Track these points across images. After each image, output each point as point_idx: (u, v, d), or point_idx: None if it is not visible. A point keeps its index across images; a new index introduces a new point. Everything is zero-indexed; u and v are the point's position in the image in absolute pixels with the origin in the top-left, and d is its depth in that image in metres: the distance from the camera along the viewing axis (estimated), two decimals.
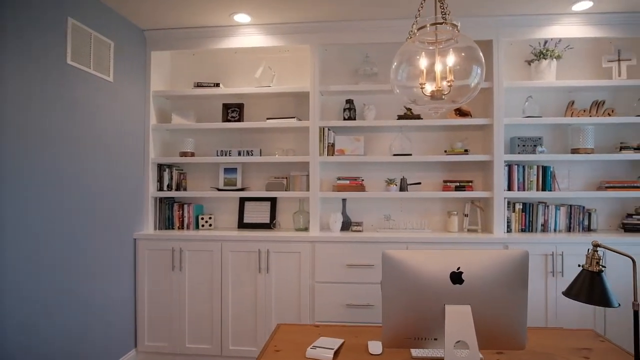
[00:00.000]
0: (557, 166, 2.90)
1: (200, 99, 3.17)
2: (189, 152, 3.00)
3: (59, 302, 2.09)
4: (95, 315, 2.37)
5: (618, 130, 2.89)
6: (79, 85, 2.25)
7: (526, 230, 2.80)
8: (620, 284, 2.44)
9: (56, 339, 2.07)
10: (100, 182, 2.42)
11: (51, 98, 2.05)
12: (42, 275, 1.99)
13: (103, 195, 2.45)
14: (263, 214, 3.05)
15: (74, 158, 2.21)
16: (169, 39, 2.91)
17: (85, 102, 2.30)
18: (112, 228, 2.54)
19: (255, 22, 2.78)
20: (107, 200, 2.49)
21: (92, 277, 2.34)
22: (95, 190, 2.38)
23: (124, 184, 2.66)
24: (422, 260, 1.23)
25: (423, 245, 2.57)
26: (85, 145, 2.30)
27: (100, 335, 2.41)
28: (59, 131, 2.10)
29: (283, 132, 3.10)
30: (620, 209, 2.89)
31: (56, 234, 2.09)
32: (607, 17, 2.61)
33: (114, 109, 2.56)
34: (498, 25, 2.68)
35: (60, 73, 2.11)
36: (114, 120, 2.56)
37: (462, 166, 2.98)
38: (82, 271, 2.27)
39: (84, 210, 2.29)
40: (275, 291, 2.64)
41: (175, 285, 2.70)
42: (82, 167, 2.28)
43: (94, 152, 2.37)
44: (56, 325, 2.07)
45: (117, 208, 2.58)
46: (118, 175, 2.60)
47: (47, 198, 2.03)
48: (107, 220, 2.49)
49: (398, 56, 1.57)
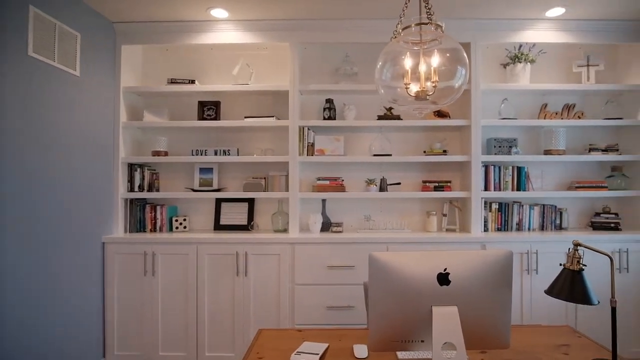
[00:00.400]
0: (531, 167, 2.98)
1: (174, 96, 3.05)
2: (162, 152, 2.87)
3: (19, 312, 1.93)
4: (60, 325, 2.21)
5: (587, 133, 3.01)
6: (41, 78, 2.09)
7: (502, 230, 2.86)
8: (591, 280, 2.53)
9: (16, 352, 1.91)
10: (64, 182, 2.27)
11: (9, 92, 1.90)
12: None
13: (68, 197, 2.30)
14: (240, 216, 2.96)
15: (35, 157, 2.06)
16: (140, 33, 2.78)
17: (49, 97, 2.15)
18: (78, 232, 2.38)
19: (233, 18, 2.69)
20: (73, 203, 2.34)
21: (56, 284, 2.19)
22: (59, 191, 2.23)
23: (92, 184, 2.51)
24: (409, 262, 1.21)
25: (403, 246, 2.57)
26: (48, 144, 2.14)
27: (66, 346, 2.25)
28: (18, 128, 1.95)
29: (261, 131, 3.03)
30: (589, 208, 3.01)
31: (15, 239, 1.93)
32: (578, 24, 2.71)
33: (80, 105, 2.41)
34: (475, 29, 2.72)
35: (20, 65, 1.96)
36: (80, 116, 2.41)
37: (441, 166, 3.01)
38: (45, 279, 2.11)
39: (47, 213, 2.14)
40: (253, 295, 2.57)
41: (147, 291, 2.57)
42: (44, 167, 2.12)
43: (58, 150, 2.22)
44: (16, 337, 1.91)
45: (83, 210, 2.43)
46: (85, 176, 2.45)
47: (3, 200, 1.87)
48: (73, 224, 2.34)
49: (383, 56, 1.55)
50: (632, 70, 2.88)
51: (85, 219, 2.44)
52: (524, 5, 2.50)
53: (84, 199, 2.44)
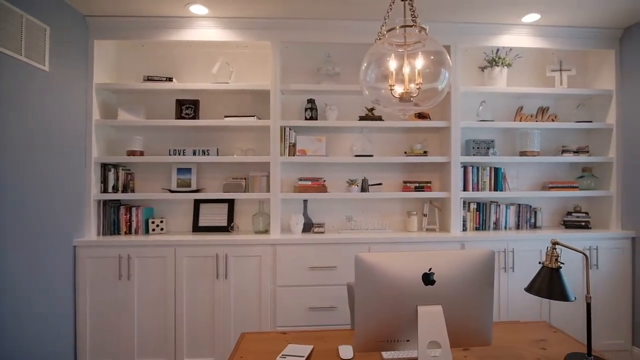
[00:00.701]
0: (507, 168, 3.07)
1: (150, 94, 2.95)
2: (138, 151, 2.77)
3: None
4: (27, 334, 2.09)
5: (560, 135, 3.12)
6: (6, 73, 1.97)
7: (480, 229, 2.92)
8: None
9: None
10: (32, 183, 2.15)
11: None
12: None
13: (35, 199, 2.17)
14: (220, 217, 2.89)
15: (0, 157, 1.94)
16: (114, 28, 2.67)
17: (15, 93, 2.03)
18: (47, 235, 2.26)
19: (213, 15, 2.63)
20: (41, 205, 2.22)
21: (22, 291, 2.06)
22: (26, 193, 2.10)
23: (62, 185, 2.39)
24: (395, 263, 1.21)
25: (385, 246, 2.58)
26: (14, 142, 2.02)
27: (34, 357, 2.13)
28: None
29: (242, 131, 2.97)
30: (561, 207, 3.12)
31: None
32: (552, 30, 2.81)
33: (50, 102, 2.29)
34: (455, 32, 2.77)
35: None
36: (50, 114, 2.29)
37: (421, 167, 3.05)
38: (10, 287, 1.99)
39: (12, 215, 2.01)
40: (234, 297, 2.51)
41: (122, 296, 2.47)
42: (10, 167, 2.00)
43: (24, 149, 2.10)
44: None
45: (52, 213, 2.31)
46: (54, 176, 2.33)
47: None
48: (41, 226, 2.21)
49: (368, 57, 1.55)
50: (601, 76, 3.01)
51: (54, 222, 2.32)
52: (502, 11, 2.56)
53: (53, 200, 2.32)
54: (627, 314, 2.75)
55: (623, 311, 2.75)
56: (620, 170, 2.88)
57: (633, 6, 2.49)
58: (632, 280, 2.76)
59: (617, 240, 2.74)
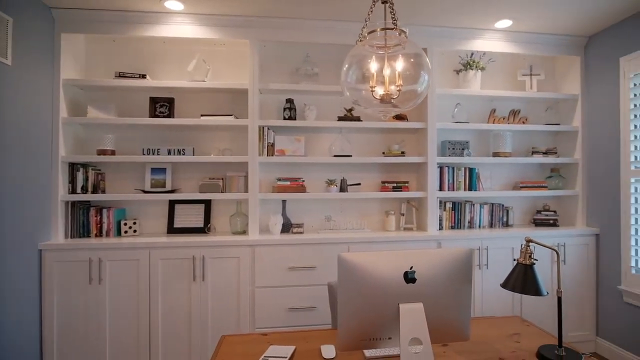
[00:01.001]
0: (481, 168, 3.16)
1: (122, 91, 2.84)
2: (109, 150, 2.66)
3: None
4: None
5: (531, 137, 3.25)
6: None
7: (455, 227, 2.99)
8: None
9: None
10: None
11: None
12: None
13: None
14: (196, 218, 2.83)
15: None
16: (83, 21, 2.55)
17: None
18: (10, 238, 2.13)
19: (189, 11, 2.57)
20: (3, 206, 2.09)
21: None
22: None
23: (26, 186, 2.26)
24: (377, 262, 1.22)
25: (364, 245, 2.60)
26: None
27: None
28: None
29: (219, 130, 2.91)
30: (531, 206, 3.25)
31: None
32: (523, 36, 2.92)
33: (13, 98, 2.16)
34: (431, 36, 2.83)
35: None
36: (13, 110, 2.16)
37: (399, 167, 3.09)
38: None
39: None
40: (211, 300, 2.46)
41: (93, 301, 2.36)
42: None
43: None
44: None
45: (16, 215, 2.18)
46: (18, 177, 2.20)
47: None
48: (3, 229, 2.08)
49: (349, 58, 1.55)
50: (567, 81, 3.16)
51: (17, 224, 2.19)
52: (477, 16, 2.64)
53: (16, 202, 2.19)
54: (592, 306, 2.89)
55: (588, 304, 2.89)
56: (585, 170, 3.03)
57: (595, 15, 2.63)
58: (596, 274, 2.91)
59: (582, 237, 2.88)
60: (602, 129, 2.88)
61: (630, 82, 2.64)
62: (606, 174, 2.84)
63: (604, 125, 2.86)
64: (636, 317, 2.59)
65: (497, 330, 1.56)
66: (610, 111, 2.81)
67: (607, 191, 2.83)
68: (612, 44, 2.79)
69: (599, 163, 2.91)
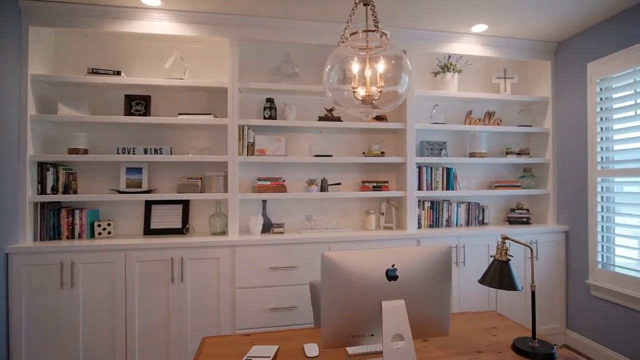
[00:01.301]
0: (458, 168, 3.24)
1: (95, 88, 2.74)
2: (81, 149, 2.57)
3: None
4: None
5: (505, 138, 3.36)
6: None
7: (434, 226, 3.06)
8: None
9: None
10: None
11: None
12: None
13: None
14: (174, 219, 2.76)
15: None
16: (52, 14, 2.45)
17: None
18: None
19: (166, 7, 2.51)
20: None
21: None
22: None
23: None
24: (360, 260, 1.23)
25: (344, 244, 2.61)
26: None
27: None
28: None
29: (197, 129, 2.86)
30: (505, 204, 3.36)
31: None
32: (497, 40, 3.02)
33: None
34: (410, 38, 2.88)
35: None
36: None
37: (379, 167, 3.13)
38: None
39: None
40: (191, 302, 2.41)
41: (65, 306, 2.27)
42: None
43: None
44: None
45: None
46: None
47: None
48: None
49: (331, 59, 1.56)
50: (539, 84, 3.28)
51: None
52: (454, 20, 2.70)
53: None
54: (562, 300, 3.02)
55: (558, 298, 3.01)
56: (555, 170, 3.16)
57: (564, 22, 2.75)
58: (566, 270, 3.04)
59: (553, 234, 3.00)
60: (571, 130, 3.01)
61: (596, 86, 2.77)
62: (575, 173, 2.97)
63: (573, 127, 2.99)
64: (603, 310, 2.72)
65: (475, 325, 1.60)
66: (578, 114, 2.94)
67: (576, 190, 2.96)
68: (580, 50, 2.92)
69: (568, 163, 3.04)
